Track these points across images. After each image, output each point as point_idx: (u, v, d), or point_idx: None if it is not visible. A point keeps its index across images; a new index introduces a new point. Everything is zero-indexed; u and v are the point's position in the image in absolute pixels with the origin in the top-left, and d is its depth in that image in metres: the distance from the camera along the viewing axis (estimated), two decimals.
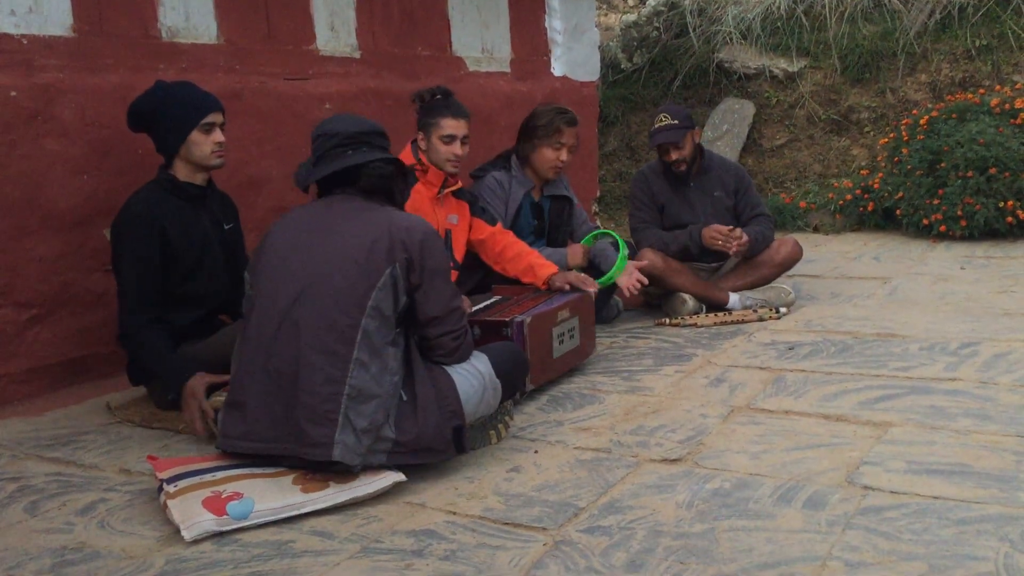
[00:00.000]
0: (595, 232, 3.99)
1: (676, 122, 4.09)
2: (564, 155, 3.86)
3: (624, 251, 3.73)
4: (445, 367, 2.51)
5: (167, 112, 3.03)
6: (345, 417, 2.27)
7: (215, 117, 3.08)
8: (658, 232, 4.21)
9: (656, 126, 4.13)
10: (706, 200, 4.24)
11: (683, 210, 4.23)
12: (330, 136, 2.51)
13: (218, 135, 3.09)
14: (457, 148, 3.39)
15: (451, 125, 3.36)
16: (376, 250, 2.36)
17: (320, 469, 2.31)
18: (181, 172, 3.10)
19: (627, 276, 3.69)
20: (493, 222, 3.63)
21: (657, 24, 7.77)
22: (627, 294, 3.75)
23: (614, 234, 3.90)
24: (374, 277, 2.34)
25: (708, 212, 4.23)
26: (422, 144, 3.44)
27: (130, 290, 2.97)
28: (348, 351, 2.29)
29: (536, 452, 2.59)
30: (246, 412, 2.37)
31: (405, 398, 2.39)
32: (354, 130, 2.51)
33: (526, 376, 2.88)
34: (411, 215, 2.52)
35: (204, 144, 3.06)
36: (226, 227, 3.25)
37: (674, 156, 4.14)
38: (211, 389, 2.86)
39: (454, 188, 3.50)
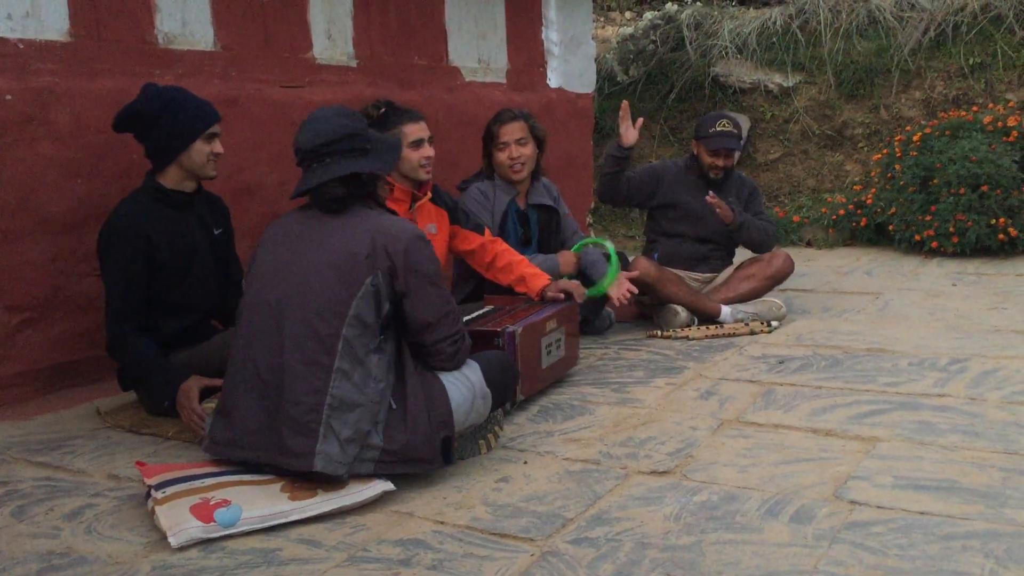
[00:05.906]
0: (586, 240, 3.99)
1: (736, 133, 4.24)
2: (514, 151, 3.82)
3: (615, 262, 3.73)
4: (438, 375, 2.49)
5: (172, 118, 3.00)
6: (327, 427, 2.26)
7: (217, 127, 3.09)
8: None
9: (718, 128, 4.22)
10: (721, 201, 4.33)
11: (697, 206, 4.33)
12: (296, 150, 2.44)
13: (218, 146, 3.10)
14: (428, 150, 3.31)
15: (415, 129, 3.29)
16: (357, 258, 2.33)
17: (309, 478, 2.31)
18: (171, 179, 3.09)
19: (617, 287, 3.69)
20: (480, 230, 3.56)
21: (654, 37, 7.80)
22: (617, 304, 3.75)
23: (604, 242, 3.89)
24: (355, 286, 2.32)
25: (718, 213, 4.32)
26: None
27: (116, 300, 2.97)
28: (330, 361, 2.29)
29: (525, 463, 2.59)
30: (233, 419, 2.38)
31: (395, 406, 2.38)
32: (316, 143, 2.38)
33: (515, 385, 2.87)
34: (400, 220, 2.46)
35: (205, 154, 3.06)
36: (216, 232, 3.24)
37: (721, 164, 4.28)
38: (206, 392, 2.85)
39: (424, 200, 3.41)
